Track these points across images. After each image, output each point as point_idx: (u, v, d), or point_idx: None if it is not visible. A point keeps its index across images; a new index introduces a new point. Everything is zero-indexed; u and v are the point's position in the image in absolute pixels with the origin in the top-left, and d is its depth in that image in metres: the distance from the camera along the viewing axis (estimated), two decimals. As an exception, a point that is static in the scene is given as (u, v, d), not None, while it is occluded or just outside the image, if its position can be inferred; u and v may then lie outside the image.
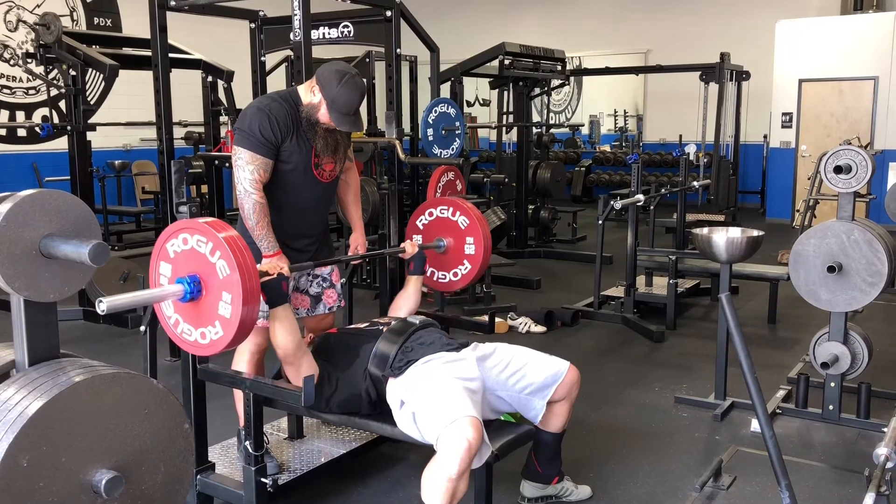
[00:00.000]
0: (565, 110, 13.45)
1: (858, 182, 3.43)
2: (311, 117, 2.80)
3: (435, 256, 3.33)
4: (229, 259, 2.09)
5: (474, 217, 3.26)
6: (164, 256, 2.23)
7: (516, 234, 7.96)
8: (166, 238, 2.22)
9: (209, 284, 2.15)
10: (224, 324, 2.15)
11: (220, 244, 2.11)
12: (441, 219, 3.33)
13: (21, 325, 1.57)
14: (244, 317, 2.12)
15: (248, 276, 2.11)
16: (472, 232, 3.26)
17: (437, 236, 3.34)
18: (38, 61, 5.59)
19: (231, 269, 2.09)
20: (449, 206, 3.32)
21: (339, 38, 5.20)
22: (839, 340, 3.53)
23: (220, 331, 2.17)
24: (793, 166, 10.04)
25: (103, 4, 10.03)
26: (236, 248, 2.11)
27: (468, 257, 3.28)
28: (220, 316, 2.14)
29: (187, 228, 2.18)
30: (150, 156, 9.73)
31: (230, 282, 2.10)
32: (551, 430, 2.76)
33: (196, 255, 2.15)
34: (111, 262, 5.22)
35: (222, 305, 2.13)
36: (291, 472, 2.87)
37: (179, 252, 2.19)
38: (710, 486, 2.99)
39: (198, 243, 2.14)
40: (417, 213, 3.40)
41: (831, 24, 9.80)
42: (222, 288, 2.12)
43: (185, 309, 2.22)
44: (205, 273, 2.15)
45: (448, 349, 2.65)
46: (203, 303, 2.17)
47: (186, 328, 2.25)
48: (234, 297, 2.10)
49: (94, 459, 1.51)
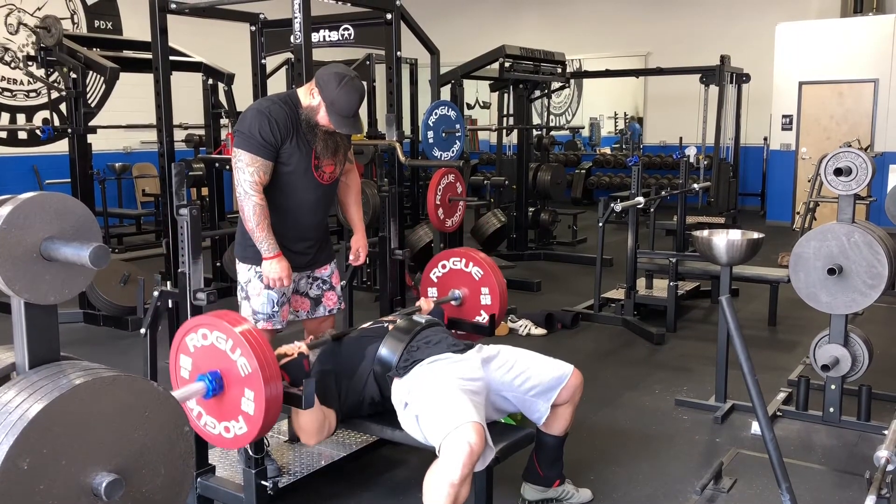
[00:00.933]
0: (565, 113, 13.46)
1: (858, 184, 3.43)
2: (311, 119, 2.80)
3: (452, 309, 3.36)
4: (250, 357, 2.11)
5: (487, 267, 3.29)
6: (185, 350, 2.25)
7: (516, 237, 7.96)
8: (185, 332, 2.24)
9: (231, 381, 2.17)
10: (248, 419, 2.17)
11: (239, 341, 2.12)
12: (454, 270, 3.36)
13: (21, 328, 1.57)
14: (267, 412, 2.14)
15: (270, 372, 2.13)
16: (487, 282, 3.29)
17: (451, 288, 3.37)
18: (38, 64, 5.60)
19: (252, 367, 2.11)
20: (461, 257, 3.35)
21: (339, 41, 5.20)
22: (840, 343, 3.53)
23: (243, 426, 2.19)
24: (793, 169, 10.05)
25: (104, 7, 10.04)
26: (256, 345, 2.13)
27: (485, 308, 3.31)
28: (243, 412, 2.17)
29: (206, 325, 2.19)
30: (151, 158, 9.73)
31: (252, 379, 2.13)
32: (554, 433, 2.76)
33: (216, 350, 2.17)
34: (111, 265, 5.22)
35: (245, 402, 2.15)
36: (292, 475, 2.87)
37: (199, 347, 2.21)
38: (710, 489, 2.99)
39: (217, 339, 2.16)
40: (430, 266, 3.44)
41: (831, 27, 9.81)
42: (244, 385, 2.14)
43: (208, 404, 2.24)
44: (226, 369, 2.17)
45: (453, 350, 2.65)
46: (225, 398, 2.20)
47: (210, 421, 2.27)
48: (257, 395, 2.13)
49: (95, 462, 1.51)
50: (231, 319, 2.18)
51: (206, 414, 2.27)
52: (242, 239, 2.93)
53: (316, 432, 2.56)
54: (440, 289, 3.40)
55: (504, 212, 7.70)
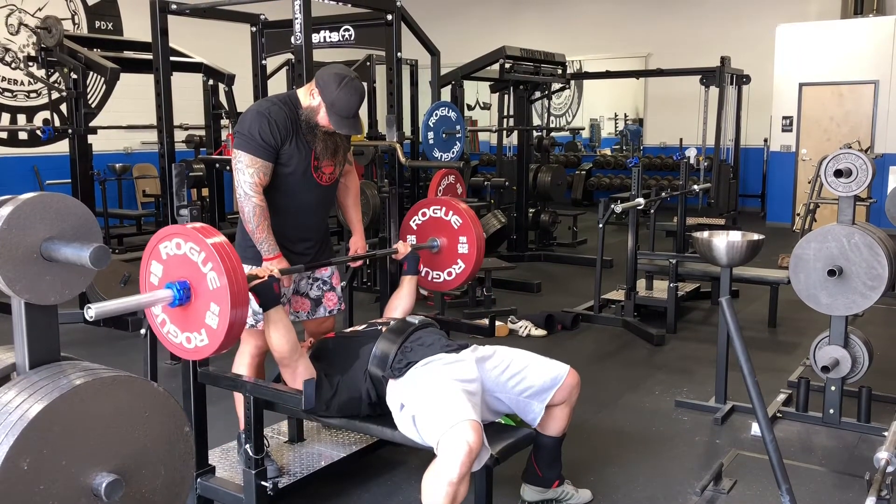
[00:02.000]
0: (566, 114, 13.46)
1: (859, 186, 3.43)
2: (311, 120, 2.80)
3: (429, 256, 3.34)
4: (220, 271, 2.10)
5: (467, 217, 3.27)
6: (157, 257, 2.23)
7: (516, 238, 7.96)
8: (160, 240, 2.23)
9: (198, 292, 2.15)
10: (210, 333, 2.16)
11: (211, 255, 2.11)
12: (434, 218, 3.33)
13: (22, 328, 1.57)
14: (230, 328, 2.13)
15: (238, 288, 2.11)
16: (466, 231, 3.27)
17: (430, 236, 3.35)
18: (39, 65, 5.60)
19: (221, 282, 2.10)
20: (442, 205, 3.32)
21: (339, 42, 5.21)
22: (840, 344, 3.53)
23: (205, 339, 2.18)
24: (793, 170, 10.05)
25: (104, 8, 10.05)
26: (227, 261, 2.11)
27: (462, 256, 3.29)
28: (206, 325, 2.16)
29: (181, 234, 2.18)
30: (151, 159, 9.74)
31: (219, 294, 2.11)
32: (551, 434, 2.76)
33: (188, 261, 2.16)
34: (112, 265, 5.22)
35: (209, 315, 2.14)
36: (291, 476, 2.87)
37: (172, 255, 2.20)
38: (710, 490, 2.99)
39: (191, 250, 2.15)
40: (411, 212, 3.41)
41: (831, 29, 9.81)
42: (211, 298, 2.13)
43: (173, 312, 2.23)
44: (195, 280, 2.15)
45: (447, 350, 2.65)
46: (191, 309, 2.18)
47: (173, 329, 2.26)
48: (222, 310, 2.11)
49: (95, 462, 1.51)
50: (206, 232, 2.16)
51: (169, 322, 2.25)
52: (242, 240, 2.93)
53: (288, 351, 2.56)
54: (419, 237, 3.37)
55: (504, 213, 7.69)
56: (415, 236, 3.38)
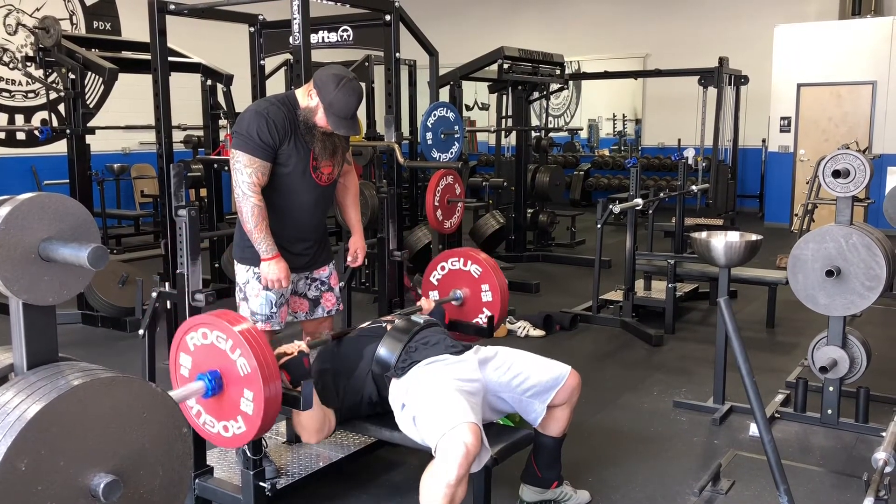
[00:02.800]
0: (564, 114, 13.46)
1: (857, 186, 3.44)
2: (309, 121, 2.80)
3: (454, 309, 3.35)
4: (249, 357, 2.10)
5: (486, 265, 3.29)
6: (185, 349, 2.24)
7: (515, 238, 7.96)
8: (185, 331, 2.23)
9: (230, 380, 2.16)
10: (246, 419, 2.17)
11: (239, 341, 2.11)
12: (454, 271, 3.36)
13: (20, 329, 1.57)
14: (266, 411, 2.13)
15: (269, 372, 2.12)
16: (487, 279, 3.29)
17: (452, 289, 3.37)
18: (37, 65, 5.60)
19: (252, 368, 2.10)
20: (460, 256, 3.35)
21: (338, 42, 5.20)
22: (837, 345, 3.53)
23: (242, 426, 2.19)
24: (791, 170, 10.06)
25: (103, 8, 10.04)
26: (255, 345, 2.11)
27: (487, 304, 3.30)
28: (242, 412, 2.17)
29: (206, 324, 2.18)
30: (149, 159, 9.74)
31: (251, 379, 2.12)
32: (552, 435, 2.76)
33: (216, 350, 2.16)
34: (110, 266, 5.22)
35: (244, 402, 2.15)
36: (289, 477, 2.87)
37: (199, 346, 2.20)
38: (708, 491, 2.99)
39: (217, 339, 2.15)
40: (430, 268, 3.44)
41: (829, 29, 9.83)
42: (244, 385, 2.13)
43: (208, 402, 2.24)
44: (225, 369, 2.16)
45: (451, 351, 2.66)
46: (224, 398, 2.19)
47: (209, 420, 2.26)
48: (256, 395, 2.12)
49: (93, 463, 1.51)
50: (231, 319, 2.18)
51: (205, 412, 2.27)
52: (241, 240, 2.93)
53: (317, 431, 2.56)
54: (441, 290, 3.40)
55: (503, 213, 7.70)
56: (437, 291, 3.40)
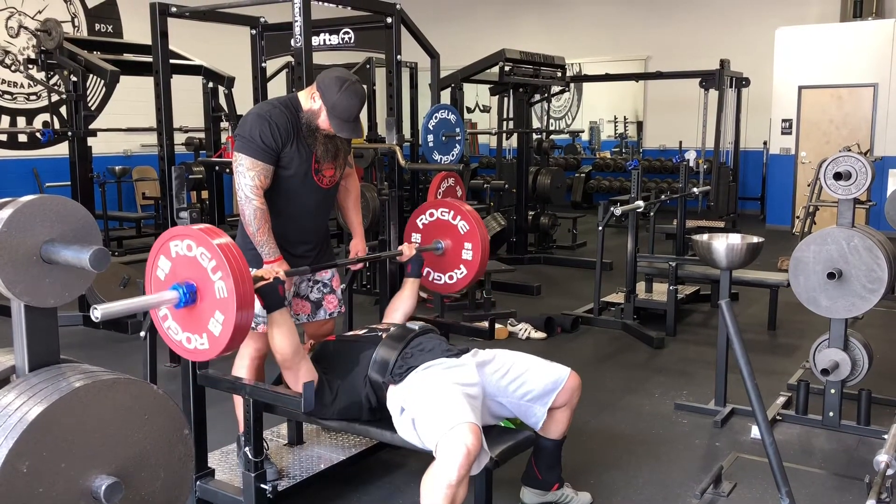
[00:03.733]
0: (565, 116, 13.47)
1: (858, 188, 3.43)
2: (312, 123, 2.80)
3: (432, 258, 3.34)
4: (229, 282, 2.08)
5: (474, 222, 3.26)
6: (166, 253, 2.20)
7: (516, 240, 7.96)
8: (170, 237, 2.19)
9: (204, 297, 2.14)
10: (211, 339, 2.15)
11: (222, 264, 2.09)
12: (441, 220, 3.33)
13: (21, 331, 1.57)
14: (233, 337, 2.12)
15: (244, 299, 2.10)
16: (471, 238, 3.27)
17: (435, 237, 3.34)
18: (39, 67, 5.60)
19: (229, 293, 2.08)
20: (450, 208, 3.32)
21: (339, 45, 5.21)
22: (839, 347, 3.53)
23: (205, 343, 2.17)
24: (792, 173, 10.06)
25: (104, 10, 10.06)
26: (237, 272, 2.09)
27: (465, 262, 3.29)
28: (209, 330, 2.14)
29: (193, 237, 2.15)
30: (151, 161, 9.75)
31: (226, 304, 2.09)
32: (552, 437, 2.76)
33: (197, 265, 2.14)
34: (111, 268, 5.22)
35: (213, 322, 2.12)
36: (291, 479, 2.87)
37: (181, 255, 2.17)
38: (710, 493, 2.99)
39: (201, 255, 2.13)
40: (418, 212, 3.40)
41: (831, 32, 9.83)
42: (217, 307, 2.11)
43: (177, 311, 2.21)
44: (202, 285, 2.13)
45: (448, 355, 2.65)
46: (195, 310, 2.16)
47: (174, 326, 2.24)
48: (227, 320, 2.10)
49: (94, 465, 1.51)
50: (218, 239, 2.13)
51: (171, 318, 2.23)
52: (243, 242, 2.93)
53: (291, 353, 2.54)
54: (424, 236, 3.37)
55: (504, 215, 7.69)
56: (420, 235, 3.38)
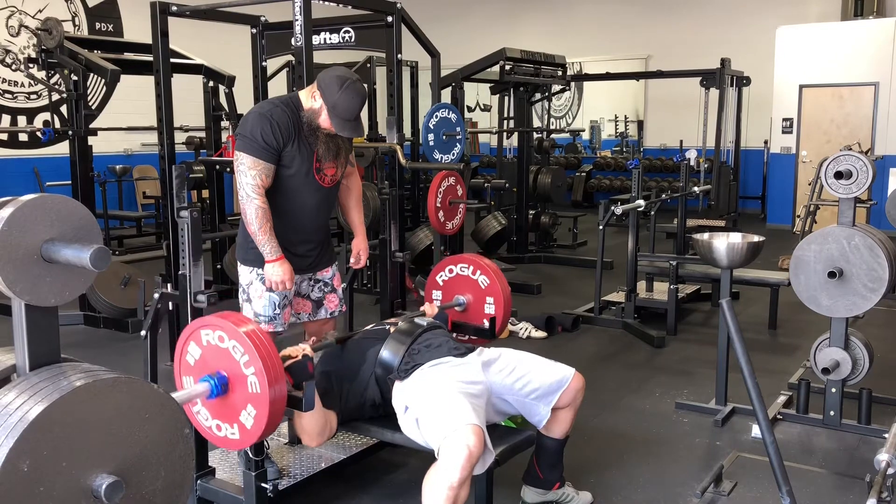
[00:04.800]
0: (566, 115, 13.46)
1: (859, 188, 3.43)
2: (313, 122, 2.80)
3: (456, 315, 3.35)
4: (262, 378, 2.07)
5: (494, 277, 3.28)
6: (197, 340, 2.20)
7: (517, 240, 7.96)
8: (202, 325, 2.19)
9: (235, 387, 2.13)
10: (242, 430, 2.15)
11: (255, 360, 2.07)
12: (461, 276, 3.36)
13: (22, 330, 1.57)
14: (265, 431, 2.12)
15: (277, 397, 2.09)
16: (493, 292, 3.28)
17: (456, 294, 3.36)
18: (39, 66, 5.60)
19: (262, 389, 2.07)
20: (469, 264, 3.35)
21: (340, 44, 5.21)
22: (840, 346, 3.53)
23: (237, 434, 2.17)
24: (793, 172, 10.05)
25: (105, 10, 10.06)
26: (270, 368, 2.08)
27: (488, 316, 3.30)
28: (240, 423, 2.14)
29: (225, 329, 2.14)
30: (152, 160, 9.74)
31: (258, 399, 2.09)
32: (554, 437, 2.76)
33: (228, 356, 2.13)
34: (112, 267, 5.22)
35: (244, 415, 2.12)
36: (291, 478, 2.87)
37: (212, 345, 2.16)
38: (710, 492, 2.99)
39: (233, 348, 2.12)
40: (437, 269, 3.44)
41: (831, 30, 9.82)
42: (248, 400, 2.11)
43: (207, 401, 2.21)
44: (234, 376, 2.13)
45: (454, 353, 2.65)
46: (226, 401, 2.16)
47: (204, 413, 2.23)
48: (259, 415, 2.09)
49: (95, 464, 1.51)
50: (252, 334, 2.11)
51: (200, 404, 2.23)
52: (244, 241, 2.93)
53: (318, 434, 2.56)
54: (445, 293, 3.40)
55: (504, 214, 7.70)
56: (441, 292, 3.40)
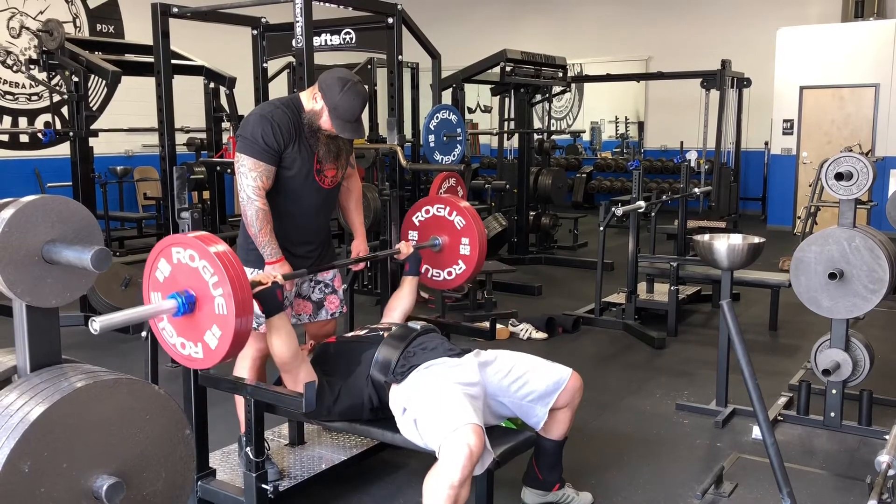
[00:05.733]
0: (566, 117, 13.47)
1: (859, 189, 3.43)
2: (314, 124, 2.80)
3: (430, 254, 3.34)
4: (229, 299, 2.06)
5: (470, 217, 3.26)
6: (167, 257, 2.19)
7: (517, 241, 7.96)
8: (173, 243, 2.17)
9: (202, 307, 2.12)
10: (206, 350, 2.14)
11: (223, 280, 2.07)
12: (438, 217, 3.33)
13: (23, 331, 1.57)
14: (228, 352, 2.11)
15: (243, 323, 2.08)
16: (468, 232, 3.27)
17: (432, 234, 3.34)
18: (40, 67, 5.61)
19: (228, 311, 2.07)
20: (446, 205, 3.32)
21: (341, 45, 5.21)
22: (840, 347, 3.53)
23: (200, 353, 2.16)
24: (794, 173, 10.05)
25: (106, 11, 10.06)
26: (238, 287, 2.07)
27: (463, 257, 3.29)
28: (205, 341, 2.13)
29: (195, 248, 2.12)
30: (152, 162, 9.73)
31: (224, 320, 2.08)
32: (553, 438, 2.76)
33: (198, 276, 2.12)
34: (113, 268, 5.22)
35: (209, 335, 2.12)
36: (292, 479, 2.87)
37: (182, 263, 2.15)
38: (711, 494, 2.99)
39: (203, 268, 2.11)
40: (414, 209, 3.40)
41: (832, 32, 9.82)
42: (214, 321, 2.10)
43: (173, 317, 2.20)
44: (201, 296, 2.12)
45: (450, 355, 2.65)
46: (192, 319, 2.15)
47: (169, 330, 2.23)
48: (223, 336, 2.09)
49: (96, 465, 1.51)
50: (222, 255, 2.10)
51: (166, 320, 2.21)
52: (245, 242, 2.93)
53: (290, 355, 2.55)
54: (421, 233, 3.37)
55: (505, 216, 7.69)
56: (417, 233, 3.38)
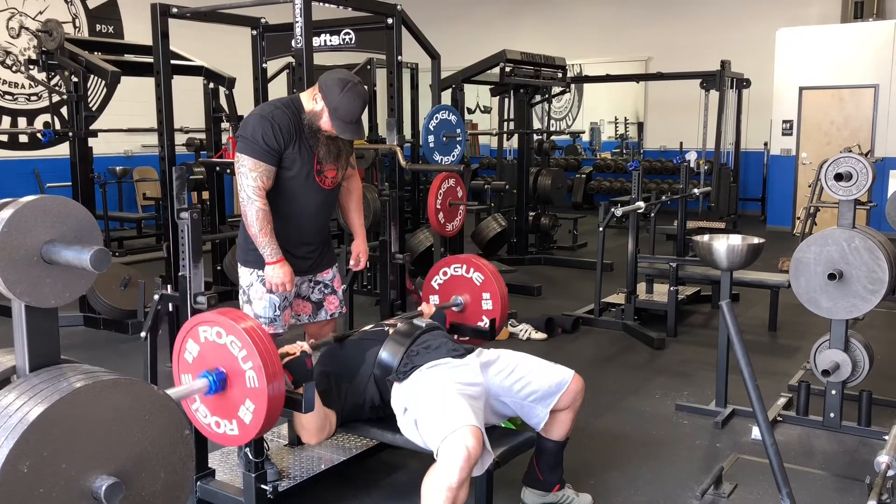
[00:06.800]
0: (566, 117, 13.47)
1: (859, 190, 3.43)
2: (314, 125, 2.80)
3: (454, 315, 3.36)
4: (260, 373, 2.06)
5: (488, 272, 3.29)
6: (195, 337, 2.19)
7: (517, 241, 7.96)
8: (200, 322, 2.18)
9: (234, 383, 2.12)
10: (241, 426, 2.14)
11: (253, 355, 2.07)
12: (455, 277, 3.36)
13: (22, 331, 1.57)
14: (263, 426, 2.11)
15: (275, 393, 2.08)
16: (488, 287, 3.29)
17: (453, 294, 3.37)
18: (40, 68, 5.61)
19: (260, 385, 2.07)
20: (462, 263, 3.36)
21: (340, 46, 5.21)
22: (840, 348, 3.53)
23: (235, 430, 2.16)
24: (793, 174, 10.05)
25: (105, 11, 10.06)
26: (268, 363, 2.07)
27: (486, 313, 3.31)
28: (239, 418, 2.14)
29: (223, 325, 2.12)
30: (152, 162, 9.74)
31: (256, 394, 2.08)
32: (554, 438, 2.76)
33: (226, 352, 2.12)
34: (112, 269, 5.22)
35: (243, 410, 2.12)
36: (291, 479, 2.87)
37: (210, 341, 2.15)
38: (710, 494, 2.99)
39: (231, 343, 2.11)
40: (432, 272, 3.44)
41: (831, 32, 9.83)
42: (247, 395, 2.10)
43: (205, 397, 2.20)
44: (232, 372, 2.12)
45: (453, 355, 2.65)
46: (224, 398, 2.15)
47: (203, 410, 2.22)
48: (257, 409, 2.09)
49: (95, 465, 1.51)
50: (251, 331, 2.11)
51: (199, 401, 2.22)
52: (244, 243, 2.93)
53: (317, 431, 2.56)
54: (442, 295, 3.40)
55: (504, 216, 7.70)
56: (437, 296, 3.40)
